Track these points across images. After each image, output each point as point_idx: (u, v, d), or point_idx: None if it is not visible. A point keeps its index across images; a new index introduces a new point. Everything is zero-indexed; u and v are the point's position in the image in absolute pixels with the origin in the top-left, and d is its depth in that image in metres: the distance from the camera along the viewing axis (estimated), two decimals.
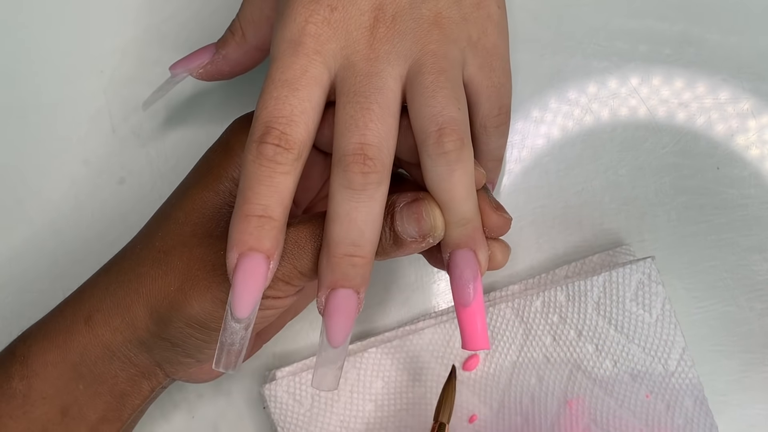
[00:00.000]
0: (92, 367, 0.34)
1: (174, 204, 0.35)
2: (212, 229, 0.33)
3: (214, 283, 0.32)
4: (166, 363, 0.34)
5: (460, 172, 0.31)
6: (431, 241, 0.31)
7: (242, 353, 0.30)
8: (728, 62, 0.41)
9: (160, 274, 0.33)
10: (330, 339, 0.30)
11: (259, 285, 0.30)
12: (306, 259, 0.31)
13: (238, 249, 0.29)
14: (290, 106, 0.30)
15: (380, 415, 0.40)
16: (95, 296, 0.34)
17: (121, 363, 0.34)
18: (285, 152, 0.29)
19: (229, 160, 0.34)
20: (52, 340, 0.34)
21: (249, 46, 0.36)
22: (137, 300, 0.33)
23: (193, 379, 0.36)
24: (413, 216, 0.31)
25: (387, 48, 0.31)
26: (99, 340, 0.34)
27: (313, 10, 0.31)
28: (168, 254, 0.33)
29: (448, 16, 0.32)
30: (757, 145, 0.41)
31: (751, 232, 0.41)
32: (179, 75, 0.37)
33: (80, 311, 0.34)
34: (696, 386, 0.39)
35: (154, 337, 0.33)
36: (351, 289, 0.30)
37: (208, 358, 0.34)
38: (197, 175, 0.35)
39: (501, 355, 0.40)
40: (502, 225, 0.33)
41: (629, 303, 0.39)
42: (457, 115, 0.31)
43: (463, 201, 0.31)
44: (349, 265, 0.30)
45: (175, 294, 0.32)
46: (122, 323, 0.33)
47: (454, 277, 0.32)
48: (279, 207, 0.30)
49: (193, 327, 0.32)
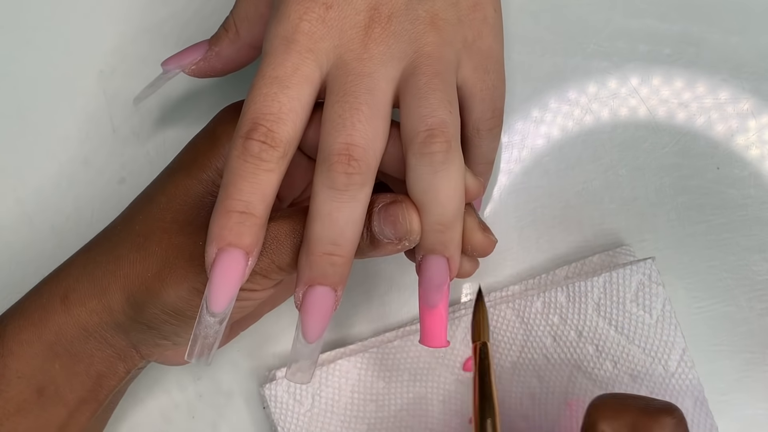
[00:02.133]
0: (68, 347, 0.34)
1: (157, 188, 0.35)
2: (193, 217, 0.33)
3: (191, 272, 0.32)
4: (141, 345, 0.34)
5: (443, 175, 0.30)
6: (407, 245, 0.31)
7: (215, 346, 0.30)
8: (728, 62, 0.41)
9: (138, 259, 0.33)
10: (305, 335, 0.31)
11: (236, 281, 0.30)
12: (284, 254, 0.31)
13: (218, 244, 0.29)
14: (279, 103, 0.30)
15: (381, 415, 0.40)
16: (72, 275, 0.34)
17: (96, 343, 0.34)
18: (271, 150, 0.29)
19: (214, 150, 0.34)
20: (28, 318, 0.34)
21: (242, 43, 0.36)
22: (114, 282, 0.33)
23: (168, 362, 0.36)
24: (390, 218, 0.31)
25: (381, 49, 0.31)
26: (75, 320, 0.33)
27: (308, 7, 0.31)
28: (147, 239, 0.33)
29: (445, 17, 0.32)
30: (757, 145, 0.41)
31: (751, 232, 0.41)
32: (171, 71, 0.37)
33: (57, 290, 0.34)
34: (696, 387, 0.39)
35: (130, 320, 0.33)
36: (328, 287, 0.30)
37: (185, 341, 0.34)
38: (182, 162, 0.35)
39: (501, 355, 0.40)
40: (487, 246, 0.33)
41: (629, 304, 0.39)
42: (448, 118, 0.30)
43: (442, 205, 0.30)
44: (328, 263, 0.30)
45: (152, 280, 0.32)
46: (98, 305, 0.33)
47: (423, 280, 0.32)
48: (261, 204, 0.30)
49: (169, 314, 0.32)
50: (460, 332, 0.40)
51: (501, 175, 0.42)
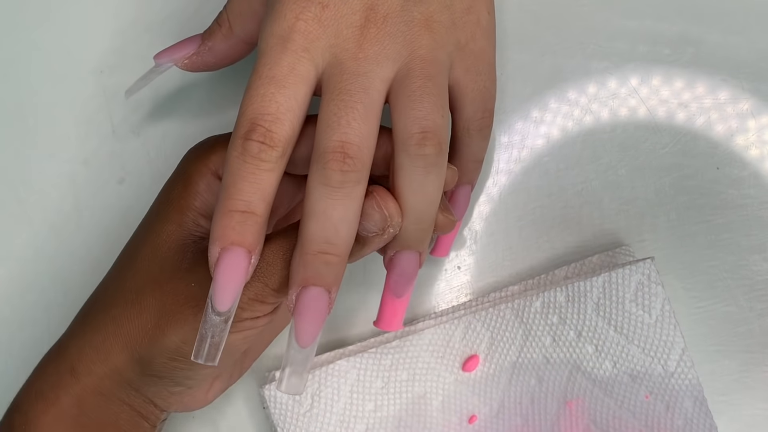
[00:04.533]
0: (92, 416, 0.34)
1: (140, 241, 0.35)
2: (179, 262, 0.33)
3: (189, 315, 0.32)
4: (156, 398, 0.34)
5: (434, 176, 0.31)
6: (392, 231, 0.31)
7: (221, 346, 0.30)
8: (728, 62, 0.41)
9: (134, 314, 0.33)
10: (298, 339, 0.30)
11: (240, 279, 0.30)
12: (276, 275, 0.31)
13: (221, 243, 0.30)
14: (276, 103, 0.30)
15: (380, 415, 0.40)
16: (73, 346, 0.34)
17: (116, 406, 0.34)
18: (270, 149, 0.29)
19: (189, 190, 0.34)
20: (45, 400, 0.34)
21: (235, 39, 0.36)
22: (116, 344, 0.33)
23: (189, 407, 0.36)
24: (368, 211, 0.31)
25: (376, 49, 0.31)
26: (89, 389, 0.33)
27: (304, 7, 0.31)
28: (140, 293, 0.33)
29: (439, 20, 0.32)
30: (756, 145, 0.41)
31: (751, 232, 0.41)
32: (164, 65, 0.37)
33: (63, 365, 0.34)
34: (696, 387, 0.39)
35: (139, 376, 0.33)
36: (322, 288, 0.30)
37: (198, 383, 0.34)
38: (159, 211, 0.35)
39: (501, 355, 0.40)
40: (448, 225, 0.34)
41: (629, 304, 0.39)
42: (441, 122, 0.31)
43: (429, 204, 0.31)
44: (322, 263, 0.30)
45: (153, 331, 0.32)
46: (106, 369, 0.33)
47: (394, 273, 0.33)
48: (262, 203, 0.30)
49: (177, 360, 0.32)
50: (460, 332, 0.40)
51: (501, 175, 0.42)
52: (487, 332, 0.40)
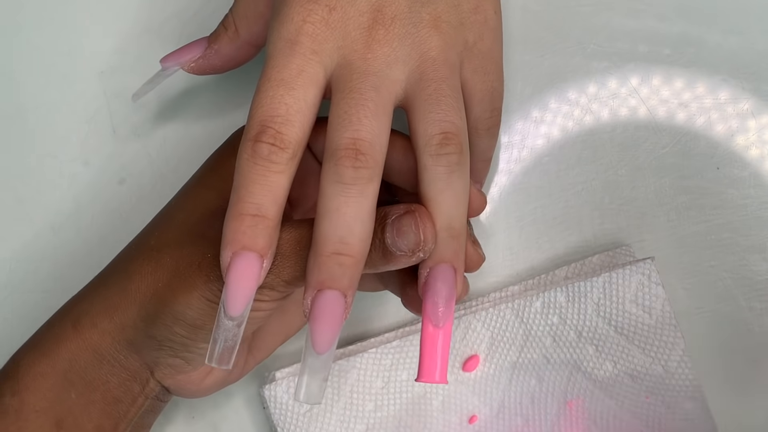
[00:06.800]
0: (82, 374, 0.34)
1: (174, 204, 0.35)
2: (206, 229, 0.33)
3: (199, 281, 0.32)
4: (154, 365, 0.34)
5: (458, 175, 0.31)
6: (421, 255, 0.31)
7: (235, 349, 0.30)
8: (728, 62, 0.41)
9: (149, 271, 0.33)
10: (315, 345, 0.30)
11: (252, 284, 0.30)
12: (290, 267, 0.31)
13: (232, 248, 0.29)
14: (286, 105, 0.30)
15: (380, 415, 0.40)
16: (85, 299, 0.34)
17: (110, 367, 0.34)
18: (280, 152, 0.29)
19: (233, 160, 0.34)
20: (41, 350, 0.34)
21: (242, 41, 0.36)
22: (125, 298, 0.33)
23: (181, 388, 0.35)
24: (404, 228, 0.30)
25: (385, 50, 0.31)
26: (87, 344, 0.34)
27: (311, 9, 0.31)
28: (160, 252, 0.33)
29: (447, 20, 0.32)
30: (757, 145, 0.41)
31: (751, 232, 0.41)
32: (170, 68, 0.37)
33: (68, 317, 0.34)
34: (696, 387, 0.39)
35: (141, 335, 0.33)
36: (338, 291, 0.30)
37: (195, 358, 0.34)
38: (202, 176, 0.35)
39: (501, 355, 0.40)
40: (477, 260, 0.33)
41: (629, 304, 0.39)
42: (459, 123, 0.31)
43: (457, 204, 0.31)
44: (337, 264, 0.29)
45: (162, 290, 0.32)
46: (110, 324, 0.33)
47: (430, 293, 0.31)
48: (273, 206, 0.30)
49: (180, 324, 0.32)
50: (460, 332, 0.40)
51: (501, 175, 0.42)
52: (487, 332, 0.40)
